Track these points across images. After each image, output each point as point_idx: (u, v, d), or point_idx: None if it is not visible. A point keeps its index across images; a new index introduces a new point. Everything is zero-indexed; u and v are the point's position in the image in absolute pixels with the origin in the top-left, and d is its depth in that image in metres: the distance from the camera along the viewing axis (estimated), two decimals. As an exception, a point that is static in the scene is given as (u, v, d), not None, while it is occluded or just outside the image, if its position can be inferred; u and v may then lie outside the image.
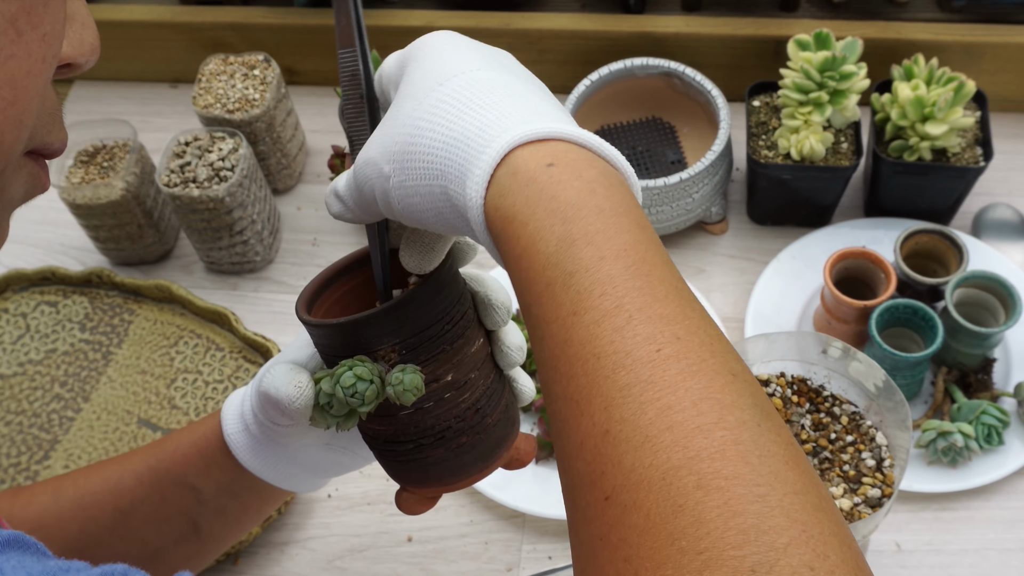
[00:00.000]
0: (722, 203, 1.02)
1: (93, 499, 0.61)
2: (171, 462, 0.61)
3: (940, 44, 1.04)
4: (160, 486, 0.61)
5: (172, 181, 0.95)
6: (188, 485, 0.61)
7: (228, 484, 0.61)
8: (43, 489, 0.62)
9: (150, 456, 0.62)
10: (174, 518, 0.61)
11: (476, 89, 0.43)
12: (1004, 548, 0.84)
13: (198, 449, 0.61)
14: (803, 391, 0.74)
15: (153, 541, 0.61)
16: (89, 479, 0.62)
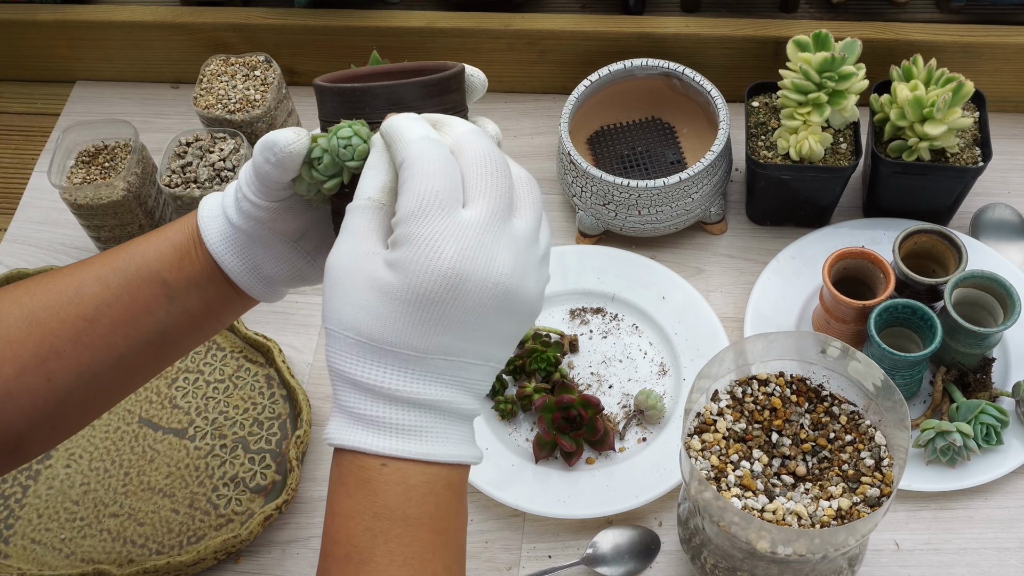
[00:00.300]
0: (721, 203, 1.02)
1: (49, 312, 0.60)
2: (142, 259, 0.61)
3: (939, 45, 1.04)
4: (130, 285, 0.61)
5: (173, 181, 0.95)
6: (160, 281, 0.61)
7: (197, 278, 0.62)
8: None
9: (114, 260, 0.62)
10: (142, 319, 0.61)
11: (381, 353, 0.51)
12: (1002, 547, 0.84)
13: (171, 243, 0.62)
14: (802, 391, 0.74)
15: (119, 346, 0.61)
16: (35, 296, 0.60)
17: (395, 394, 0.50)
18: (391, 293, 0.49)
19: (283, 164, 0.56)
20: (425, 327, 0.50)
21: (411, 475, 0.50)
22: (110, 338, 0.61)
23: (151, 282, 0.61)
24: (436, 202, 0.49)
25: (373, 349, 0.50)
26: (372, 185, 0.52)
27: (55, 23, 1.16)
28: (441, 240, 0.49)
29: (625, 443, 0.90)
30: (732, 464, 0.71)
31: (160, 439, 0.92)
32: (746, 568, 0.71)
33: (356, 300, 0.50)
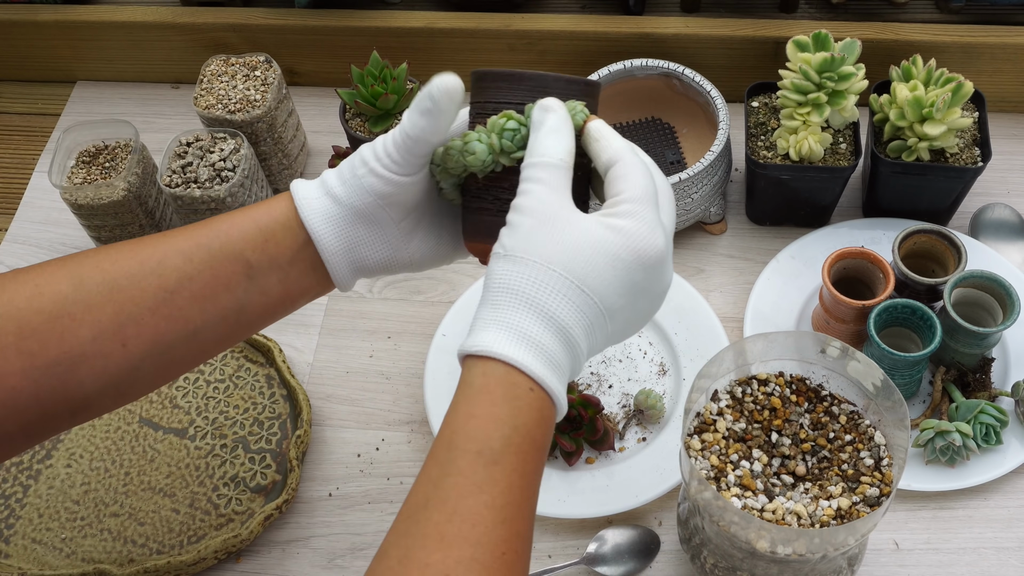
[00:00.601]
0: (721, 203, 1.02)
1: (130, 280, 0.61)
2: (226, 237, 0.63)
3: (938, 45, 1.04)
4: (212, 261, 0.62)
5: (174, 181, 0.95)
6: (242, 259, 0.63)
7: (280, 260, 0.64)
8: (52, 278, 0.61)
9: (197, 235, 0.63)
10: (221, 295, 0.63)
11: (540, 283, 0.57)
12: (1002, 547, 0.84)
13: (256, 224, 0.64)
14: (802, 390, 0.75)
15: (195, 320, 0.62)
16: (117, 263, 0.62)
17: (567, 331, 0.57)
18: (610, 250, 0.57)
19: (440, 108, 0.61)
20: (620, 287, 0.58)
21: (546, 407, 0.57)
22: (188, 311, 0.62)
23: (233, 260, 0.63)
24: (653, 199, 0.59)
25: (572, 286, 0.57)
26: (564, 147, 0.59)
27: (55, 23, 1.16)
28: (658, 226, 0.58)
29: (625, 443, 0.90)
30: (732, 464, 0.71)
31: (160, 439, 0.92)
32: (746, 568, 0.71)
33: (572, 244, 0.57)
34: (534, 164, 0.59)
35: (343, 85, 1.10)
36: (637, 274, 0.58)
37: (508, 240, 0.58)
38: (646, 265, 0.58)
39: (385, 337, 0.99)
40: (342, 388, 0.97)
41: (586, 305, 0.57)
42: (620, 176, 0.59)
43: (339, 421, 0.94)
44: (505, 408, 0.55)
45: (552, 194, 0.58)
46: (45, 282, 0.61)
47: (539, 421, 0.56)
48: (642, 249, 0.57)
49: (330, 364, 0.98)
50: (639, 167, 0.60)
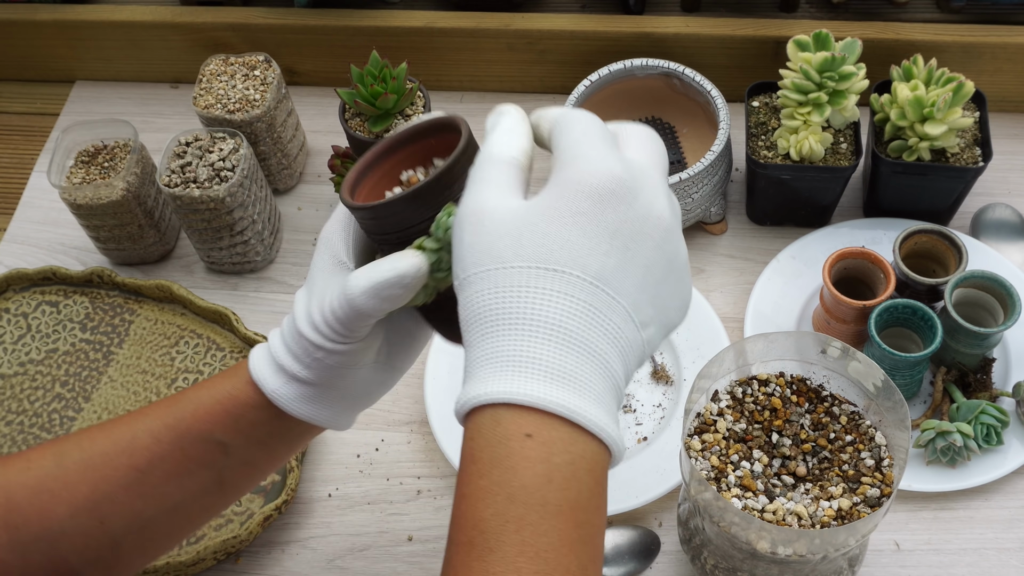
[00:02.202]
0: (721, 203, 1.02)
1: (104, 459, 0.60)
2: (192, 419, 0.60)
3: (939, 44, 1.04)
4: (181, 443, 0.60)
5: (173, 181, 0.95)
6: (214, 441, 0.61)
7: (259, 436, 0.61)
8: (41, 454, 0.61)
9: (166, 414, 0.61)
10: (197, 472, 0.61)
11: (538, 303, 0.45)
12: (1003, 548, 0.84)
13: (224, 407, 0.61)
14: (802, 391, 0.74)
15: (173, 496, 0.61)
16: (95, 441, 0.61)
17: (557, 325, 0.44)
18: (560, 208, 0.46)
19: (413, 290, 0.53)
20: (590, 240, 0.46)
21: (555, 452, 0.43)
22: (164, 488, 0.61)
23: (204, 441, 0.61)
24: (595, 135, 0.49)
25: (539, 272, 0.45)
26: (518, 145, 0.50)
27: (55, 23, 1.16)
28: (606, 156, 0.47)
29: (625, 443, 0.90)
30: (732, 464, 0.70)
31: (159, 439, 0.92)
32: (746, 568, 0.71)
33: (520, 229, 0.46)
34: (480, 163, 0.50)
35: (343, 85, 1.10)
36: (606, 214, 0.46)
37: (456, 266, 0.48)
38: (604, 197, 0.46)
39: (385, 337, 0.99)
40: (341, 388, 0.96)
41: (564, 283, 0.45)
42: (553, 137, 0.51)
43: (338, 421, 0.94)
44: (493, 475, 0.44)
45: (496, 191, 0.48)
46: (35, 457, 0.61)
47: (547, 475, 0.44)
48: (591, 183, 0.46)
49: (329, 364, 0.98)
50: (577, 114, 0.51)
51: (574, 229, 0.45)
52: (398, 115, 0.97)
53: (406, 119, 0.97)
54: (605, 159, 0.47)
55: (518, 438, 0.43)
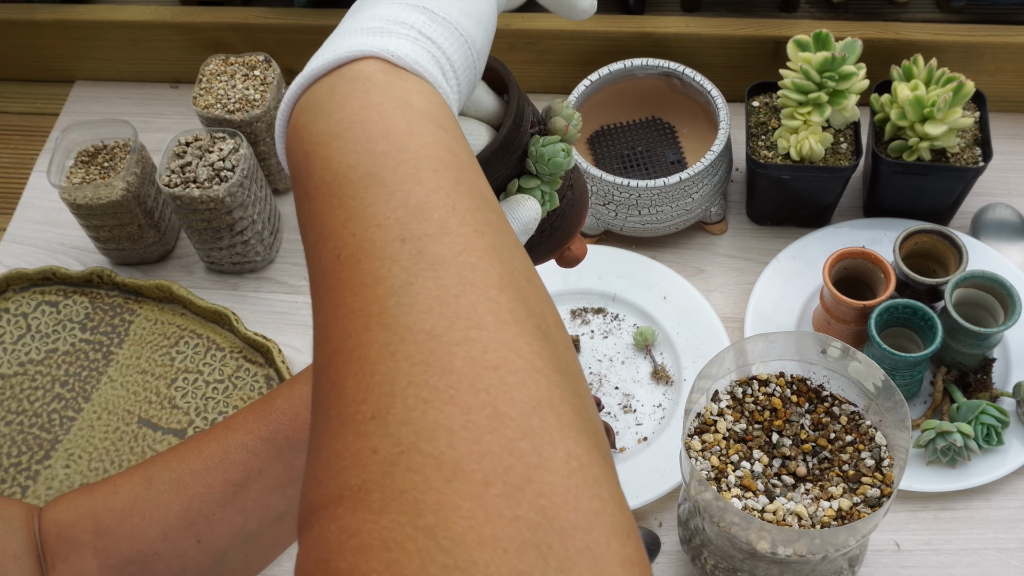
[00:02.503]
0: (722, 203, 1.02)
1: (195, 477, 0.59)
2: (291, 430, 0.59)
3: (939, 44, 1.04)
4: (281, 455, 0.59)
5: (173, 181, 0.95)
6: None
7: None
8: (129, 477, 0.60)
9: (258, 426, 0.59)
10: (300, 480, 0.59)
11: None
12: (1003, 548, 0.84)
13: None
14: (802, 391, 0.74)
15: (277, 506, 0.59)
16: (183, 460, 0.60)
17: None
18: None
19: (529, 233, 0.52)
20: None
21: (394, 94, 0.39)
22: (266, 500, 0.59)
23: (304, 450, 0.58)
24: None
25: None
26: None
27: (55, 23, 1.16)
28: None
29: (625, 443, 0.90)
30: (732, 464, 0.70)
31: (159, 439, 0.92)
32: (746, 569, 0.71)
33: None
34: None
35: (343, 85, 1.10)
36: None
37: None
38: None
39: (385, 337, 0.99)
40: (341, 388, 0.96)
41: None
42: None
43: (338, 421, 0.94)
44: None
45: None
46: (122, 481, 0.60)
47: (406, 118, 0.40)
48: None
49: (329, 364, 0.98)
50: None
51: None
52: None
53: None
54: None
55: (355, 92, 0.39)
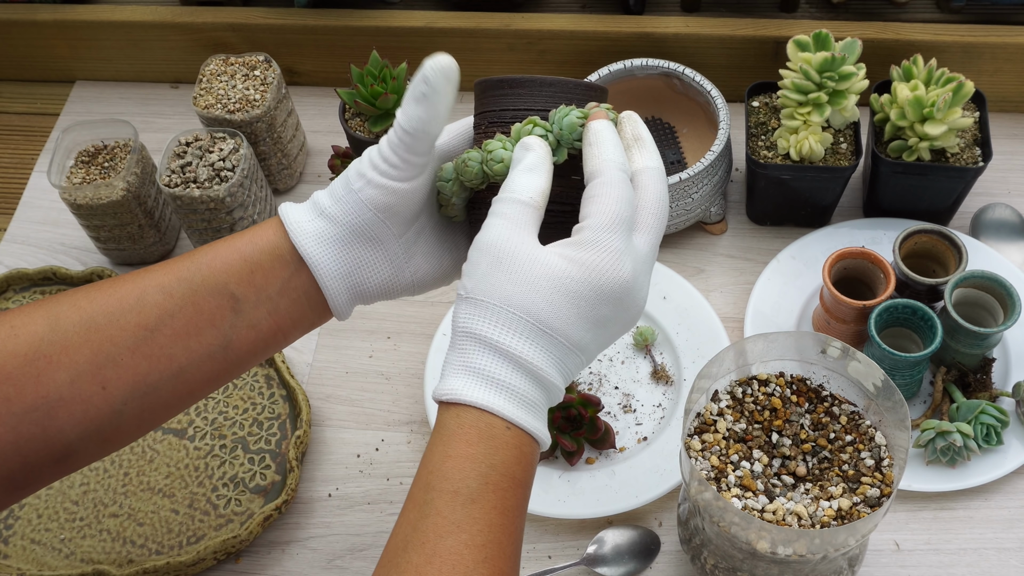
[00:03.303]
0: (721, 203, 1.02)
1: (108, 319, 0.58)
2: (208, 271, 0.60)
3: (939, 45, 1.04)
4: (195, 296, 0.59)
5: (173, 181, 0.95)
6: (227, 293, 0.60)
7: (269, 291, 0.61)
8: (28, 319, 0.58)
9: (178, 269, 0.60)
10: (205, 331, 0.60)
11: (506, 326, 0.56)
12: (1003, 547, 0.84)
13: (241, 255, 0.61)
14: (802, 391, 0.74)
15: (179, 358, 0.60)
16: (95, 301, 0.59)
17: (535, 371, 0.56)
18: (570, 287, 0.55)
19: (438, 92, 0.59)
20: (584, 322, 0.56)
21: (525, 443, 0.56)
22: (170, 349, 0.59)
23: (217, 294, 0.60)
24: (622, 224, 0.56)
25: (534, 328, 0.55)
26: (535, 186, 0.58)
27: (55, 23, 1.16)
28: (624, 255, 0.56)
29: (625, 443, 0.90)
30: (732, 464, 0.71)
31: (160, 439, 0.92)
32: (746, 568, 0.71)
33: (530, 283, 0.55)
34: (503, 199, 0.58)
35: (343, 85, 1.10)
36: (602, 308, 0.56)
37: (468, 280, 0.57)
38: (610, 299, 0.56)
39: (385, 337, 0.99)
40: (342, 388, 0.96)
41: (551, 344, 0.56)
42: (592, 197, 0.57)
43: (339, 421, 0.94)
44: (481, 447, 0.55)
45: (512, 229, 0.56)
46: (21, 323, 0.58)
47: (518, 458, 0.56)
48: (603, 284, 0.56)
49: (330, 364, 0.98)
50: (615, 186, 0.57)
51: (573, 310, 0.56)
52: (398, 115, 0.97)
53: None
54: (620, 260, 0.56)
55: (501, 428, 0.55)
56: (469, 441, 0.55)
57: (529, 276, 0.55)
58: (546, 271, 0.55)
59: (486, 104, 0.63)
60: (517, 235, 0.56)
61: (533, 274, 0.55)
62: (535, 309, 0.55)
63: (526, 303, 0.55)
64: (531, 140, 0.59)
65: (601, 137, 0.59)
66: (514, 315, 0.55)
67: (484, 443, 0.55)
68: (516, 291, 0.55)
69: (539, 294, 0.55)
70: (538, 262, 0.56)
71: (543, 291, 0.55)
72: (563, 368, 0.57)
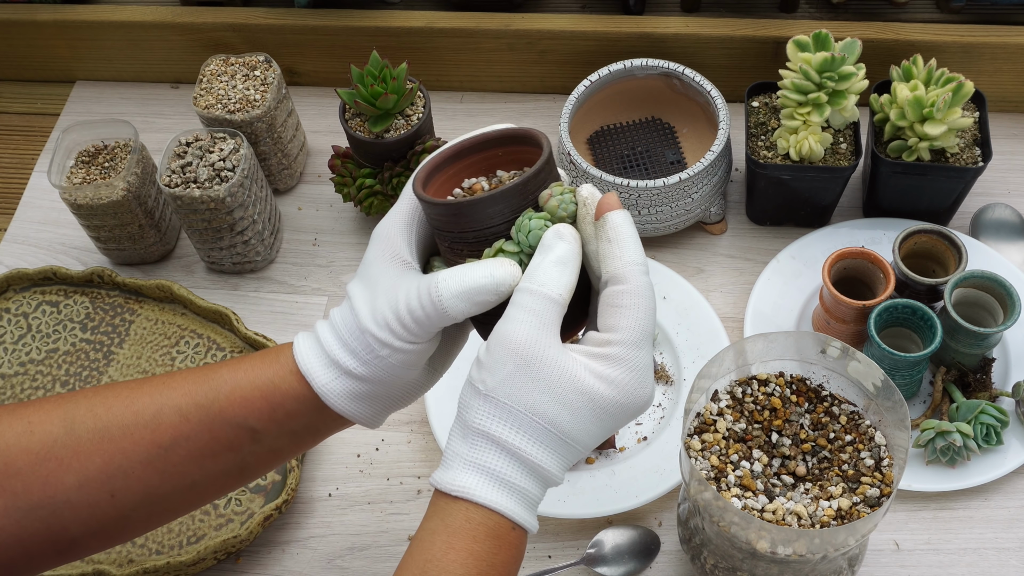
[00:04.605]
0: (721, 203, 1.02)
1: (123, 432, 0.58)
2: (227, 402, 0.60)
3: (939, 45, 1.04)
4: (211, 425, 0.59)
5: (173, 181, 0.95)
6: (246, 427, 0.60)
7: (293, 427, 0.61)
8: (46, 417, 0.59)
9: (196, 392, 0.60)
10: (222, 455, 0.60)
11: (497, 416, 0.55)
12: (1002, 547, 0.84)
13: (263, 394, 0.60)
14: (802, 391, 0.74)
15: (193, 475, 0.60)
16: (112, 410, 0.59)
17: (549, 476, 0.56)
18: (600, 405, 0.55)
19: (503, 297, 0.57)
20: (604, 432, 0.56)
21: (523, 541, 0.57)
22: (184, 467, 0.60)
23: (235, 426, 0.60)
24: (649, 339, 0.56)
25: (556, 439, 0.55)
26: (566, 284, 0.56)
27: (55, 23, 1.16)
28: (649, 370, 0.56)
29: (625, 443, 0.90)
30: (732, 464, 0.71)
31: (160, 439, 0.92)
32: (746, 568, 0.71)
33: (559, 396, 0.54)
34: (531, 291, 0.55)
35: (343, 85, 1.10)
36: (622, 420, 0.57)
37: (488, 377, 0.55)
38: (634, 412, 0.56)
39: (385, 337, 0.99)
40: (342, 388, 0.96)
41: (568, 451, 0.56)
42: (620, 306, 0.56)
43: (339, 421, 0.94)
44: (487, 545, 0.55)
45: (541, 330, 0.55)
46: (38, 420, 0.59)
47: (516, 557, 0.56)
48: (631, 403, 0.56)
49: (330, 364, 0.98)
50: (644, 296, 0.56)
51: (597, 425, 0.56)
52: (398, 115, 0.97)
53: (406, 119, 0.97)
54: (647, 377, 0.56)
55: (507, 528, 0.55)
56: (476, 538, 0.54)
57: (558, 388, 0.54)
58: (576, 386, 0.54)
59: (439, 224, 0.59)
60: (545, 338, 0.55)
61: (562, 387, 0.54)
62: (560, 421, 0.55)
63: (552, 414, 0.54)
64: (564, 229, 0.56)
65: (621, 233, 0.56)
66: (538, 425, 0.54)
67: (490, 541, 0.55)
68: (543, 400, 0.54)
69: (567, 408, 0.54)
70: (567, 374, 0.54)
71: (571, 406, 0.54)
72: (567, 465, 0.57)
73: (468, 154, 0.62)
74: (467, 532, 0.54)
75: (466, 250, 0.58)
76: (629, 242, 0.56)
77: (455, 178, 0.62)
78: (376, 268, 0.59)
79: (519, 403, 0.54)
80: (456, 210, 0.57)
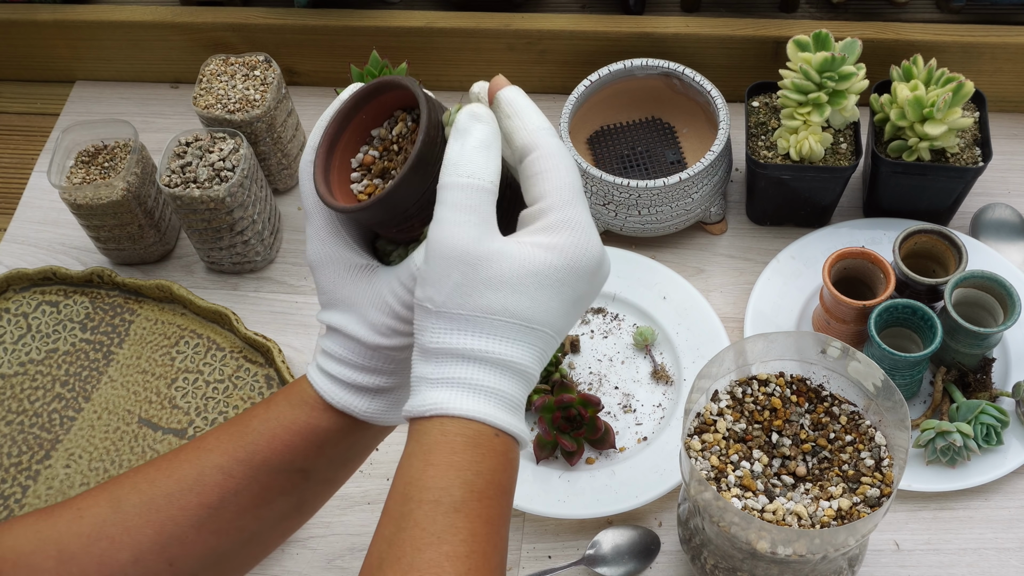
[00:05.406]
0: (721, 203, 1.02)
1: (168, 500, 0.58)
2: (269, 452, 0.59)
3: (939, 45, 1.04)
4: (258, 476, 0.58)
5: (173, 181, 0.95)
6: (295, 470, 0.59)
7: (342, 456, 0.60)
8: (93, 501, 0.59)
9: (234, 448, 0.59)
10: (276, 501, 0.59)
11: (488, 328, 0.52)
12: (1002, 547, 0.84)
13: (303, 437, 0.59)
14: (802, 391, 0.74)
15: (250, 527, 0.59)
16: (154, 482, 0.58)
17: (521, 369, 0.52)
18: (553, 276, 0.51)
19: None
20: (566, 306, 0.53)
21: (511, 449, 0.53)
22: (239, 522, 0.59)
23: (283, 471, 0.59)
24: (579, 194, 0.53)
25: (519, 328, 0.52)
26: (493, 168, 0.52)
27: (55, 23, 1.16)
28: (591, 227, 0.53)
29: (625, 443, 0.90)
30: (732, 464, 0.71)
31: (160, 439, 0.92)
32: (746, 568, 0.71)
33: (511, 285, 0.51)
34: (459, 185, 0.51)
35: (342, 85, 1.10)
36: (581, 286, 0.53)
37: (434, 292, 0.51)
38: (587, 275, 0.53)
39: (385, 337, 0.99)
40: (342, 388, 0.96)
41: (535, 337, 0.52)
42: (538, 173, 0.53)
43: (338, 421, 0.94)
44: (467, 455, 0.51)
45: (479, 228, 0.51)
46: (86, 505, 0.58)
47: (504, 465, 0.52)
48: (581, 263, 0.52)
49: (329, 364, 0.98)
50: (559, 156, 0.53)
51: (556, 300, 0.52)
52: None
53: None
54: (590, 234, 0.53)
55: (489, 435, 0.51)
56: (454, 449, 0.51)
57: (509, 277, 0.51)
58: (526, 267, 0.51)
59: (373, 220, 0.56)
60: (486, 233, 0.51)
61: (513, 273, 0.51)
62: (519, 309, 0.51)
63: (509, 306, 0.51)
64: (479, 109, 0.53)
65: (518, 106, 0.54)
66: (498, 321, 0.51)
67: (470, 451, 0.51)
68: (497, 297, 0.51)
69: (523, 294, 0.51)
70: (515, 261, 0.51)
71: (526, 289, 0.51)
72: (544, 356, 0.54)
73: (339, 138, 0.59)
74: (444, 446, 0.51)
75: (417, 224, 0.55)
76: (528, 111, 0.54)
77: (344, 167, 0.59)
78: (343, 290, 0.57)
79: (474, 309, 0.51)
80: (380, 208, 0.54)
